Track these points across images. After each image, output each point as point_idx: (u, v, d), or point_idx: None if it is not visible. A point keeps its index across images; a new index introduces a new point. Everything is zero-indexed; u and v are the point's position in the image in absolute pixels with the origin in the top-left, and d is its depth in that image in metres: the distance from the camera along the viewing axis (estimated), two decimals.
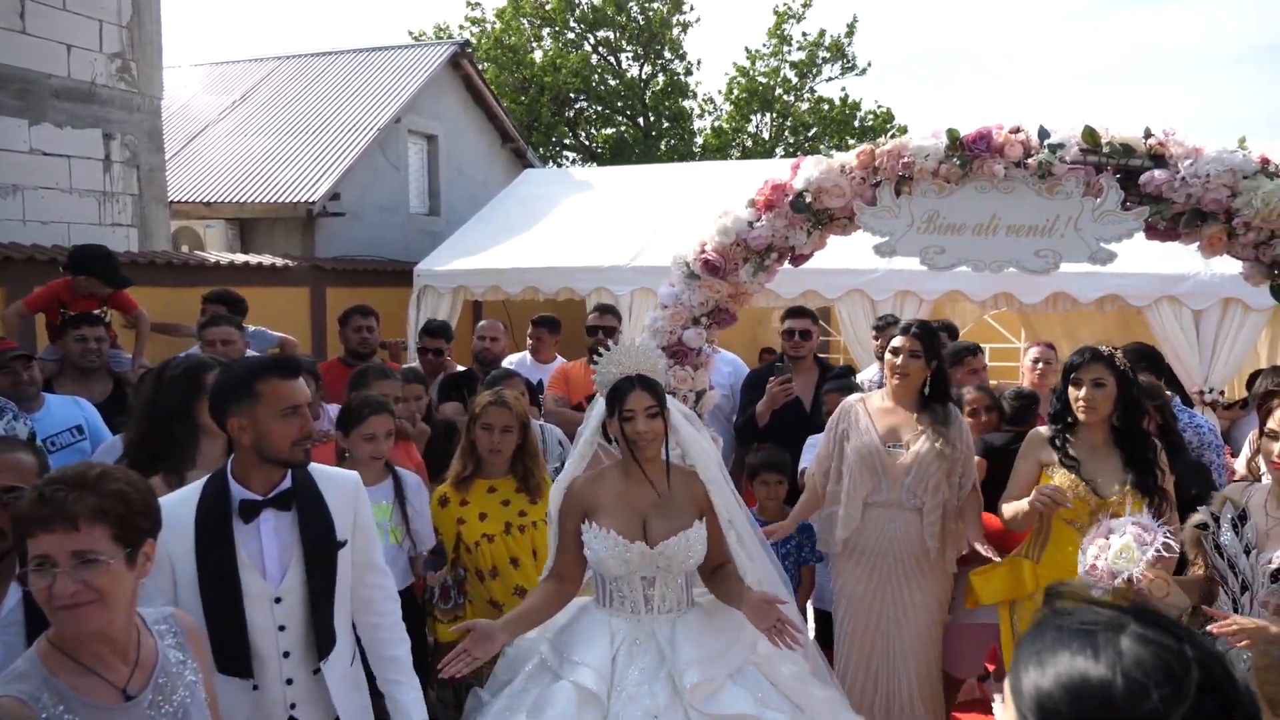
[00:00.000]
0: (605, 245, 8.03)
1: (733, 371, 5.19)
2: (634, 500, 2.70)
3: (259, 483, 2.28)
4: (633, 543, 2.62)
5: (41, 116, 7.30)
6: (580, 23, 22.67)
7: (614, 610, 2.68)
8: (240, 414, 2.24)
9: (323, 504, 2.34)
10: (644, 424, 2.65)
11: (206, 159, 11.11)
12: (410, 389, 4.36)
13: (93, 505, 1.65)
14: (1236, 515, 2.65)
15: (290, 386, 2.27)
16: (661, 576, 2.65)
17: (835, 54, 23.02)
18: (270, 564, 2.26)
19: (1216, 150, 3.01)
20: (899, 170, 3.35)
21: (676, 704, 2.47)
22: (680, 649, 2.56)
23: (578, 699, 2.48)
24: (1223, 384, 6.15)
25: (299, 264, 9.21)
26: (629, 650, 2.59)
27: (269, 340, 6.70)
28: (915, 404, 3.52)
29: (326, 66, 12.62)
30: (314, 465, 2.40)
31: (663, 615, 2.66)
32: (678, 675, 2.50)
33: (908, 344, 3.46)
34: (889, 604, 3.49)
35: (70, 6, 7.44)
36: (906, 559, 3.47)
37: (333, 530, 2.33)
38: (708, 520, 2.77)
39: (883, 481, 3.47)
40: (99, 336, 4.60)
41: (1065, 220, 3.22)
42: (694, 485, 2.79)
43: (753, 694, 2.53)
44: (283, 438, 2.24)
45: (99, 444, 3.75)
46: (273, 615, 2.24)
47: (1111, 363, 3.16)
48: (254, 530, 2.25)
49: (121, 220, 7.97)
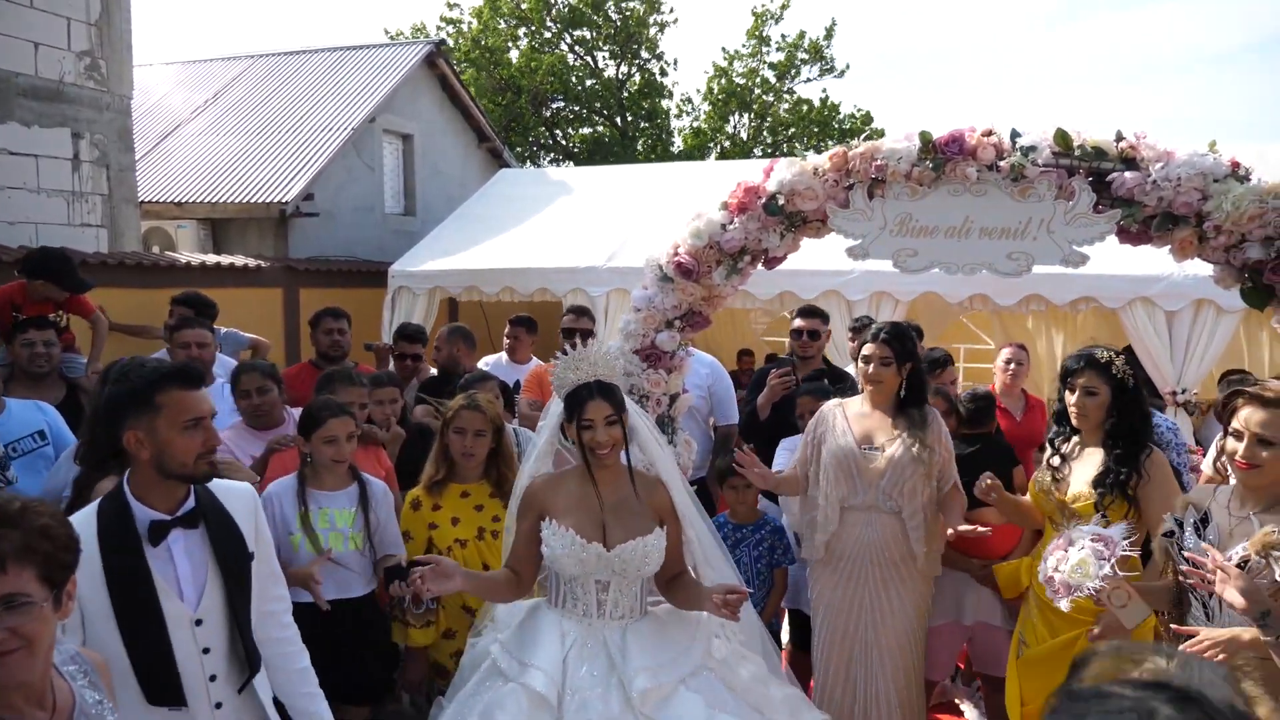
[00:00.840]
0: (581, 246, 8.00)
1: (710, 373, 5.17)
2: (593, 503, 2.68)
3: (161, 501, 2.16)
4: (590, 543, 2.60)
5: (8, 115, 7.16)
6: (556, 22, 22.62)
7: (565, 611, 2.67)
8: (138, 426, 2.12)
9: (229, 518, 2.25)
10: (603, 433, 2.65)
11: (178, 158, 10.96)
12: (385, 392, 4.31)
13: (19, 544, 1.52)
14: (1199, 519, 2.66)
15: (193, 397, 2.17)
16: (616, 581, 2.64)
17: (814, 55, 23.12)
18: (185, 586, 2.16)
19: (1187, 154, 3.02)
20: (872, 173, 3.34)
21: (628, 711, 2.45)
22: (630, 655, 2.55)
23: (528, 703, 2.45)
24: (1195, 385, 6.21)
25: (272, 265, 9.10)
26: (579, 652, 2.58)
27: (241, 342, 6.61)
28: (892, 408, 3.51)
29: (301, 65, 12.50)
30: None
31: (614, 621, 2.65)
32: (627, 682, 2.48)
33: (877, 351, 3.46)
34: (867, 609, 3.47)
35: (38, 4, 7.31)
36: (884, 563, 3.46)
37: (244, 544, 2.26)
38: (669, 528, 2.76)
39: (858, 484, 3.46)
40: (48, 340, 4.46)
41: (1038, 223, 3.22)
42: (657, 492, 2.77)
43: (705, 699, 2.51)
44: (186, 451, 2.13)
45: (62, 449, 3.68)
46: (194, 639, 2.15)
47: (1107, 370, 3.13)
48: (164, 552, 2.14)
49: (91, 220, 7.84)
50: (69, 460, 3.34)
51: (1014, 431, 4.77)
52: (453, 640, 3.47)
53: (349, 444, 3.37)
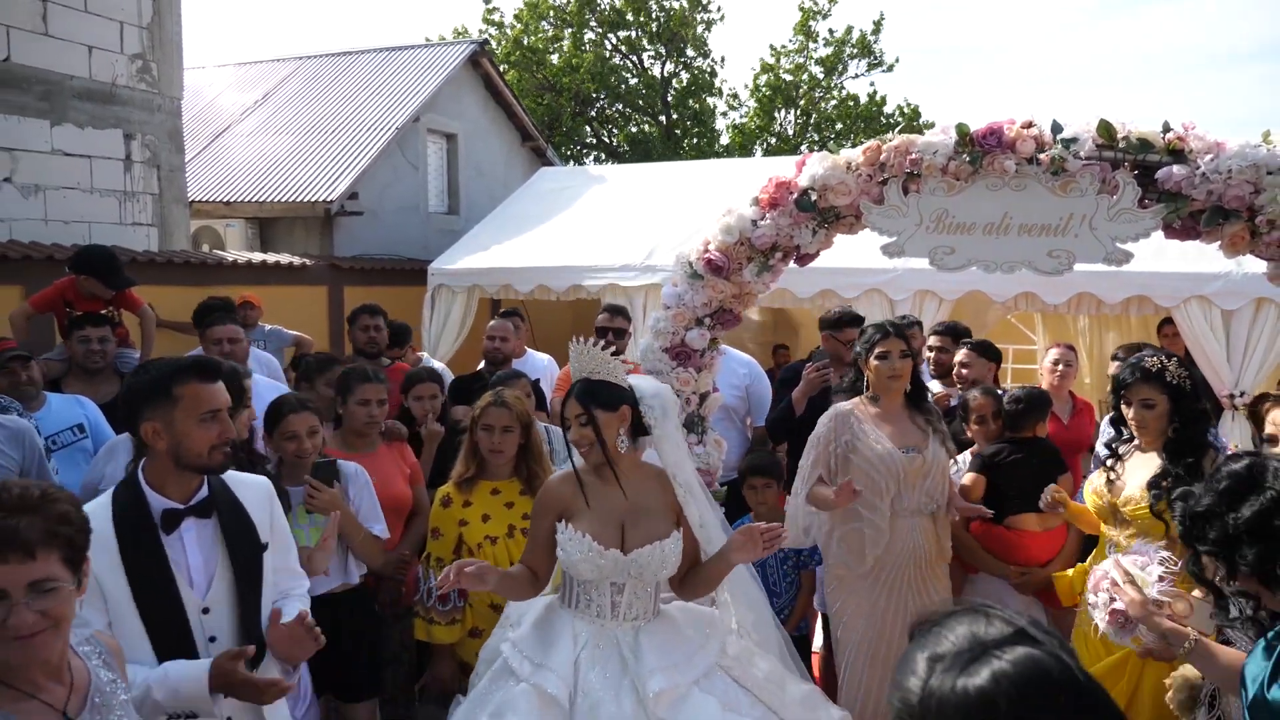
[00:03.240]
0: (619, 243, 7.97)
1: (748, 373, 5.08)
2: (612, 506, 2.65)
3: (176, 490, 2.21)
4: (607, 549, 2.57)
5: (63, 117, 7.37)
6: (601, 24, 22.63)
7: (578, 612, 2.63)
8: (155, 418, 2.16)
9: (242, 509, 2.29)
10: (575, 432, 2.64)
11: (227, 158, 11.19)
12: (424, 388, 4.32)
13: (44, 530, 1.58)
14: None
15: (209, 390, 2.21)
16: (631, 584, 2.60)
17: (861, 50, 22.83)
18: (196, 574, 2.20)
19: (1239, 145, 2.89)
20: (906, 167, 3.25)
21: (641, 713, 2.41)
22: (643, 657, 2.51)
23: (539, 703, 2.43)
24: (1254, 387, 5.97)
25: (317, 263, 9.24)
26: (591, 654, 2.54)
27: (285, 339, 6.73)
28: (901, 405, 3.45)
29: (347, 66, 12.67)
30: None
31: (627, 622, 2.61)
32: (640, 683, 2.44)
33: (896, 345, 3.39)
34: (904, 613, 3.39)
35: (91, 8, 7.51)
36: (922, 564, 3.41)
37: (255, 535, 2.29)
38: (683, 528, 2.72)
39: (903, 489, 3.38)
40: (103, 337, 4.60)
41: (1079, 219, 3.10)
42: (668, 489, 2.73)
43: (720, 700, 2.47)
44: (201, 442, 2.18)
45: (101, 443, 3.76)
46: (202, 627, 2.19)
47: (1161, 379, 2.99)
48: (177, 540, 2.19)
49: (141, 220, 8.03)
50: (108, 454, 3.41)
51: (1061, 435, 4.61)
52: (479, 639, 3.45)
53: (310, 439, 3.34)
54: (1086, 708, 0.98)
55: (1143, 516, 2.99)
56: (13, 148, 7.03)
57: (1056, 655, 1.00)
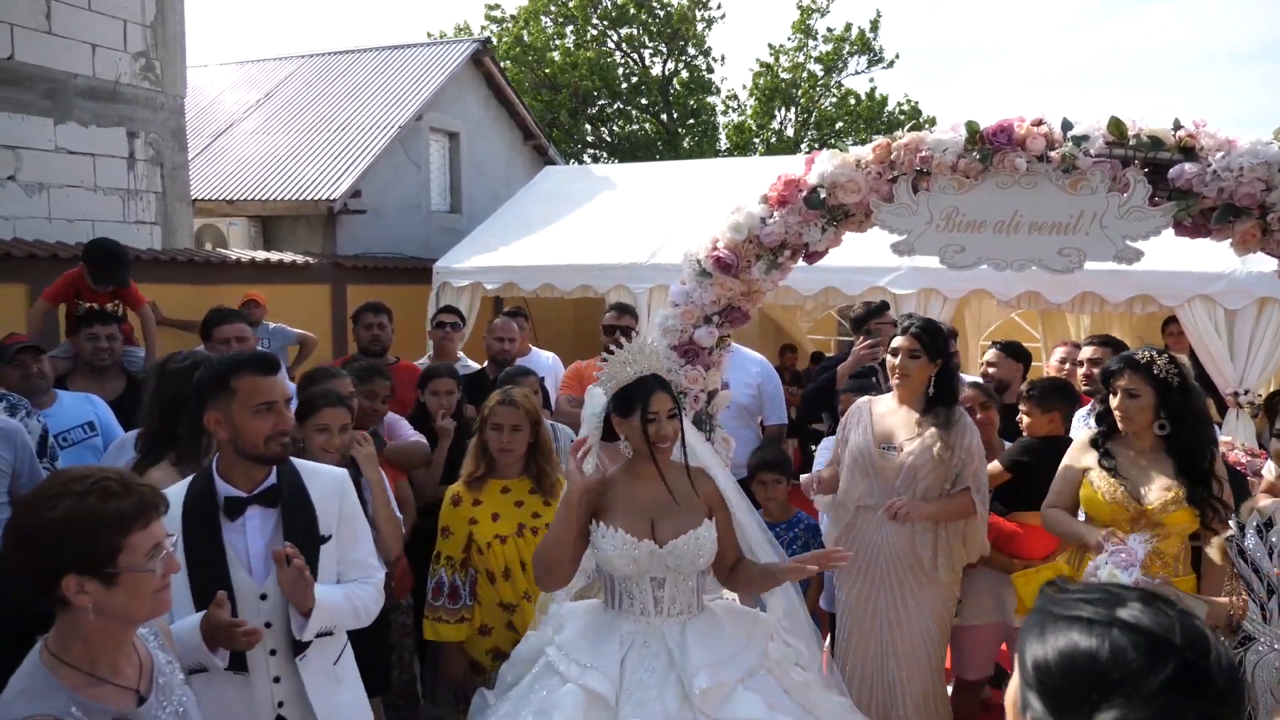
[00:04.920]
0: (624, 242, 7.97)
1: (760, 371, 5.10)
2: (642, 500, 2.64)
3: (242, 479, 2.30)
4: (641, 541, 2.57)
5: (67, 115, 7.36)
6: (603, 20, 22.62)
7: (622, 612, 2.63)
8: (216, 409, 2.26)
9: (307, 499, 2.34)
10: (667, 426, 2.61)
11: (230, 157, 11.18)
12: (440, 384, 4.31)
13: (153, 497, 1.71)
14: (1263, 522, 2.57)
15: (266, 382, 2.29)
16: (671, 578, 2.60)
17: (861, 47, 22.83)
18: (255, 561, 2.28)
19: (1250, 142, 2.88)
20: (916, 165, 3.24)
21: (686, 709, 2.41)
22: (690, 652, 2.51)
23: (585, 702, 2.43)
24: (1259, 386, 5.97)
25: (320, 261, 9.24)
26: (638, 653, 2.54)
27: (289, 337, 6.73)
28: (919, 405, 3.44)
29: (349, 65, 12.66)
30: (300, 461, 2.41)
31: (672, 618, 2.60)
32: (687, 679, 2.44)
33: (906, 343, 3.40)
34: (884, 610, 3.43)
35: (95, 6, 7.50)
36: (900, 565, 3.41)
37: (316, 526, 2.34)
38: (718, 518, 2.72)
39: (874, 484, 3.41)
40: (111, 335, 4.59)
41: (1090, 217, 3.10)
42: (703, 483, 2.73)
43: (764, 699, 2.47)
44: (256, 433, 2.25)
45: (110, 441, 3.76)
46: (259, 612, 2.25)
47: (1148, 371, 3.01)
48: (239, 527, 2.27)
49: (145, 218, 8.03)
50: (118, 451, 3.41)
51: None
52: (488, 637, 3.46)
53: (340, 435, 3.36)
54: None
55: (1178, 522, 2.99)
56: (16, 146, 7.02)
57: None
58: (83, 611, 1.61)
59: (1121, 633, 0.95)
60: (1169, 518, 3.00)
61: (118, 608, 1.65)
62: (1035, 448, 3.71)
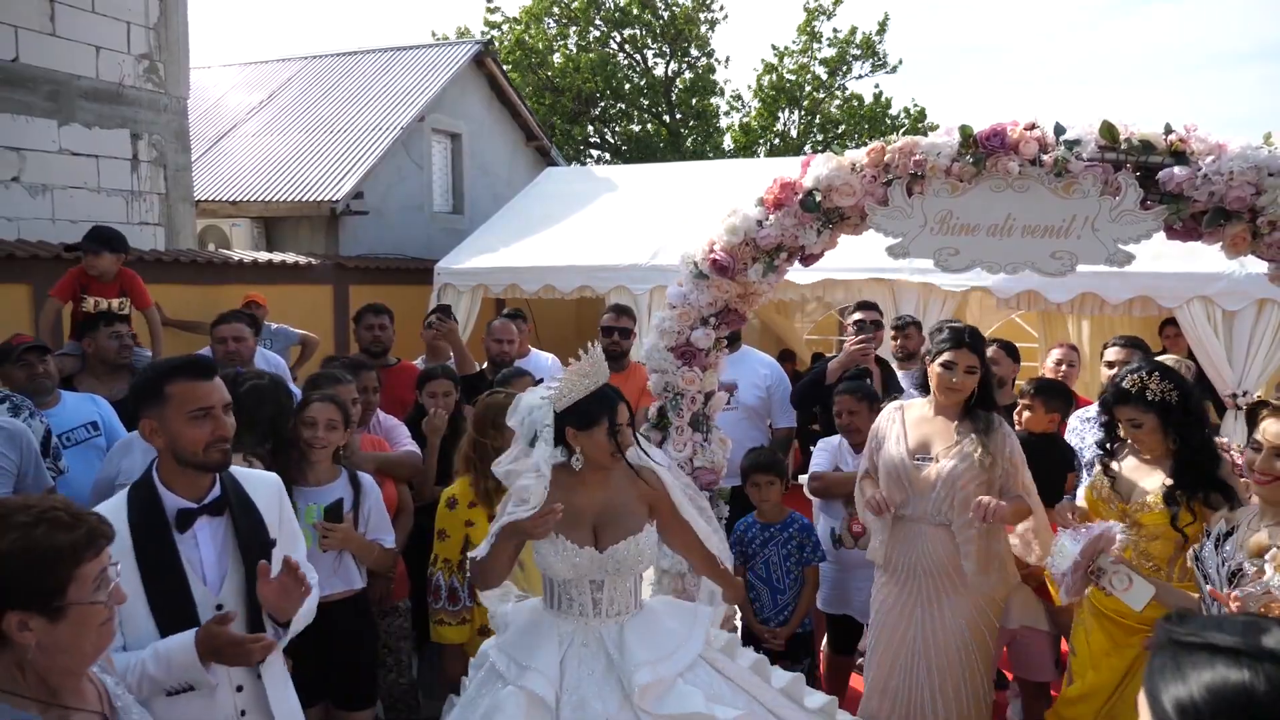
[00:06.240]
0: (625, 244, 8.00)
1: (769, 374, 5.09)
2: (586, 508, 2.66)
3: (186, 488, 2.22)
4: (582, 548, 2.59)
5: (70, 117, 7.41)
6: (606, 21, 22.64)
7: (562, 614, 2.65)
8: (151, 416, 2.17)
9: (253, 505, 2.30)
10: (627, 434, 2.66)
11: (233, 158, 11.23)
12: (438, 384, 4.31)
13: (100, 528, 1.63)
14: (1224, 531, 2.60)
15: (203, 388, 2.20)
16: (610, 580, 2.63)
17: (866, 51, 22.82)
18: (209, 571, 2.22)
19: (1240, 146, 2.89)
20: (910, 168, 3.26)
21: (627, 707, 2.43)
22: (629, 651, 2.53)
23: (527, 705, 2.44)
24: (1257, 388, 5.99)
25: (322, 262, 9.28)
26: (577, 653, 2.57)
27: (291, 338, 6.76)
28: (958, 413, 3.37)
29: (352, 66, 12.70)
30: (235, 468, 2.34)
31: (610, 618, 2.63)
32: (626, 678, 2.46)
33: (965, 359, 3.29)
34: (917, 619, 3.37)
35: (98, 8, 7.55)
36: (937, 575, 3.34)
37: (265, 531, 2.30)
38: (661, 511, 2.75)
39: (910, 495, 3.35)
40: (132, 334, 4.68)
41: (1082, 220, 3.11)
42: (639, 484, 2.75)
43: (704, 691, 2.49)
44: (193, 440, 2.17)
45: (114, 440, 3.79)
46: None
47: (1142, 399, 2.99)
48: (190, 538, 2.20)
49: (148, 219, 8.08)
50: (122, 450, 3.43)
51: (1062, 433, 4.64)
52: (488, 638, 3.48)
53: (329, 432, 3.33)
54: None
55: (1156, 522, 3.00)
56: (20, 147, 7.07)
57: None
58: (23, 649, 1.52)
59: (1275, 666, 0.90)
60: (1144, 517, 3.02)
61: (63, 643, 1.55)
62: (1030, 444, 3.73)
